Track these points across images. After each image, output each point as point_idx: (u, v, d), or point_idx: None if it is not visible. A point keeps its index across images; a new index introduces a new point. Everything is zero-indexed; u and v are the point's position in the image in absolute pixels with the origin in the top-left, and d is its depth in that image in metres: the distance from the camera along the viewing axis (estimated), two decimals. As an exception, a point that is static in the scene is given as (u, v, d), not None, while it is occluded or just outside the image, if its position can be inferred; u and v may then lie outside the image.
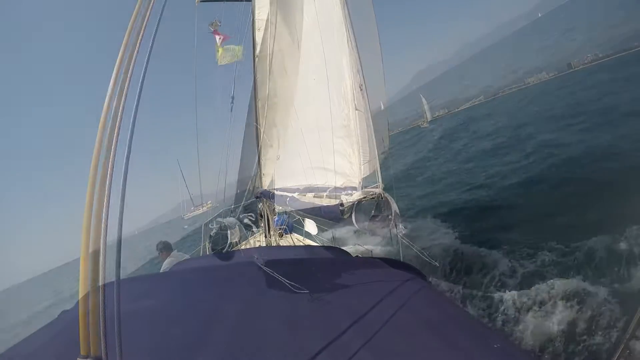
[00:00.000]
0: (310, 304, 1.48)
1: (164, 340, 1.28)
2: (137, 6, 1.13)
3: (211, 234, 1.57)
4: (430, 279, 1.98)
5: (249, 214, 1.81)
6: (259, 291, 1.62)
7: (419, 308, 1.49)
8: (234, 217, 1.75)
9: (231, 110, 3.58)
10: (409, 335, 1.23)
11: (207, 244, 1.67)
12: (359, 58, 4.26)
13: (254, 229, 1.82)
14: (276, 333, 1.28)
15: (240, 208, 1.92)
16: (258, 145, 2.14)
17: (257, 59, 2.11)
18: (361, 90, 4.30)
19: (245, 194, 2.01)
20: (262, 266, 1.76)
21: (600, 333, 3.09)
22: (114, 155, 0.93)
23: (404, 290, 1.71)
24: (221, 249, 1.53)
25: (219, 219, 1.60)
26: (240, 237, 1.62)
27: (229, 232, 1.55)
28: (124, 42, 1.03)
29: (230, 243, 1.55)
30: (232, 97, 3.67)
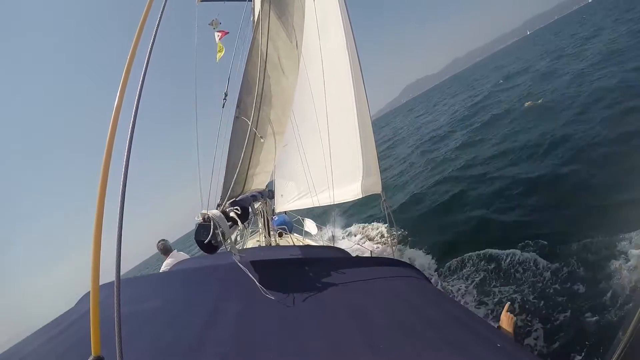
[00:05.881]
0: (310, 304, 1.48)
1: (164, 341, 1.29)
2: (145, 7, 1.15)
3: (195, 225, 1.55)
4: (430, 278, 1.98)
5: (235, 207, 1.77)
6: (258, 291, 1.62)
7: (420, 307, 1.49)
8: (218, 209, 1.71)
9: (223, 107, 3.55)
10: (411, 334, 1.22)
11: None
12: (359, 59, 4.26)
13: (239, 224, 1.77)
14: (276, 333, 1.28)
15: (226, 201, 1.88)
16: (246, 140, 2.11)
17: (248, 56, 2.08)
18: (359, 89, 4.30)
19: (232, 185, 1.97)
20: (262, 265, 1.77)
21: (599, 332, 3.10)
22: (128, 158, 0.98)
23: (405, 289, 1.72)
24: (203, 240, 1.52)
25: (203, 211, 1.58)
26: (226, 232, 1.59)
27: (212, 224, 1.53)
28: (132, 47, 1.04)
29: (215, 235, 1.53)
30: (225, 94, 3.64)
